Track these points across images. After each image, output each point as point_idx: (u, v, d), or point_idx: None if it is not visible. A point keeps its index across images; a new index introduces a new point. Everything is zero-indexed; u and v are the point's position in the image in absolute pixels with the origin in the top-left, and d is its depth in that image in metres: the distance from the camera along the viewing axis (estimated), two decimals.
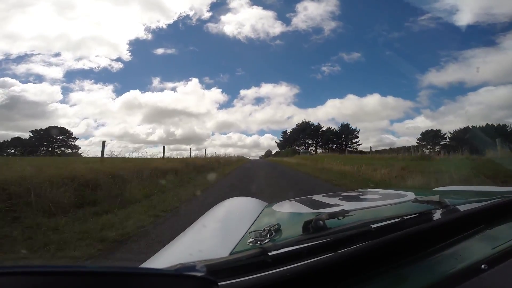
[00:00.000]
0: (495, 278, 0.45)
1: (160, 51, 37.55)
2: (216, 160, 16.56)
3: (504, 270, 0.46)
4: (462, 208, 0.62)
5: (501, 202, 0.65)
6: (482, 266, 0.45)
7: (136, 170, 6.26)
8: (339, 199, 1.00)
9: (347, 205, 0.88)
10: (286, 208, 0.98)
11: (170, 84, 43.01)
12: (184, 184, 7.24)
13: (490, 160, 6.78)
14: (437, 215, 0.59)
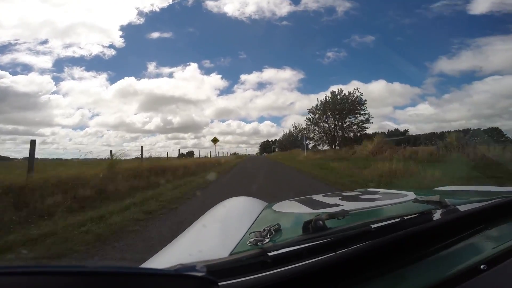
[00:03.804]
0: (494, 278, 0.45)
1: (155, 35, 35.64)
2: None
3: (503, 270, 0.46)
4: (462, 208, 0.62)
5: (501, 202, 0.65)
6: (481, 266, 0.45)
7: None
8: (339, 199, 1.00)
9: (347, 205, 0.88)
10: (286, 208, 0.98)
11: (167, 70, 40.76)
12: None
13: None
14: (437, 215, 0.59)
